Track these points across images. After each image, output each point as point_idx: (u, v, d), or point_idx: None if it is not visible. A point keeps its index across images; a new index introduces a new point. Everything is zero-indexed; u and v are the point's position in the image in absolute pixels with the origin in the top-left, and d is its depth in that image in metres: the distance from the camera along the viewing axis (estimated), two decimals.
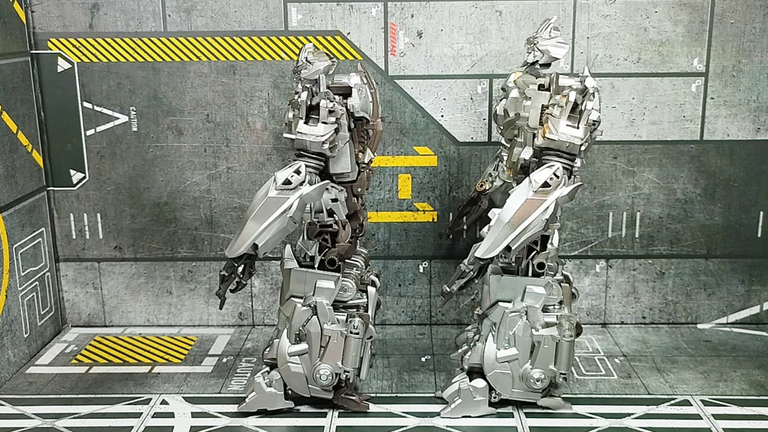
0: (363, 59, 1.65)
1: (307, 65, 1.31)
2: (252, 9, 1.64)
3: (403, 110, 1.68)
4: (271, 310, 1.79)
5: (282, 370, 1.36)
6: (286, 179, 1.27)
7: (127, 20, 1.65)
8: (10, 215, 1.57)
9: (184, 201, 1.73)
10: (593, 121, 1.27)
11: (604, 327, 1.77)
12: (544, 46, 1.38)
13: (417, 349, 1.67)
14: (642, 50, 1.65)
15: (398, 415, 1.38)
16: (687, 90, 1.67)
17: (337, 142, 1.32)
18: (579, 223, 1.73)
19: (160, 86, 1.68)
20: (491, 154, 1.66)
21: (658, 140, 1.69)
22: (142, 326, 1.80)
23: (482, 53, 1.65)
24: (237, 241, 1.28)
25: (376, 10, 1.64)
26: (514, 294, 1.34)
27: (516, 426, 1.34)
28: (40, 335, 1.69)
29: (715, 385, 1.48)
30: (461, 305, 1.77)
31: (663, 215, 1.73)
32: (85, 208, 1.74)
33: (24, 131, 1.63)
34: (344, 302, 1.37)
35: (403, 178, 1.72)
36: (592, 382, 1.51)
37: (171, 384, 1.51)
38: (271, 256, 1.71)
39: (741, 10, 1.62)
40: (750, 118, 1.67)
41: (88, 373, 1.57)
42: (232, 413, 1.39)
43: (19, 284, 1.59)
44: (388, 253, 1.75)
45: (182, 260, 1.77)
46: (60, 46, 1.66)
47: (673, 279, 1.75)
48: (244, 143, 1.70)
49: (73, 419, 1.38)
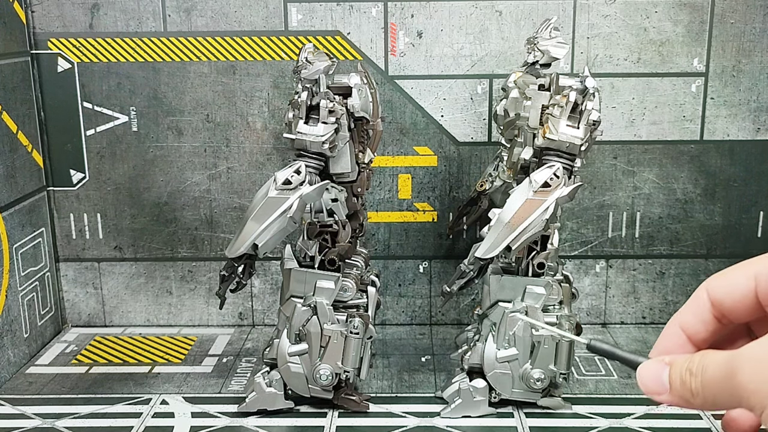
0: (363, 59, 1.65)
1: (307, 65, 1.31)
2: (252, 9, 1.64)
3: (403, 110, 1.68)
4: (271, 310, 1.79)
5: (282, 370, 1.36)
6: (286, 179, 1.27)
7: (127, 20, 1.65)
8: (10, 215, 1.57)
9: (184, 201, 1.73)
10: (593, 121, 1.27)
11: (604, 327, 1.77)
12: (545, 46, 1.38)
13: (417, 349, 1.67)
14: (642, 50, 1.65)
15: (398, 415, 1.38)
16: (687, 90, 1.66)
17: (337, 142, 1.32)
18: (579, 223, 1.73)
19: (160, 86, 1.68)
20: (491, 154, 1.66)
21: (658, 140, 1.69)
22: (142, 326, 1.80)
23: (482, 53, 1.65)
24: (237, 241, 1.28)
25: (376, 10, 1.64)
26: (514, 294, 1.34)
27: (516, 426, 1.34)
28: (40, 335, 1.69)
29: None
30: (461, 305, 1.77)
31: (663, 215, 1.73)
32: (85, 208, 1.74)
33: (24, 131, 1.63)
34: (344, 302, 1.37)
35: (403, 178, 1.72)
36: (592, 382, 1.51)
37: (171, 384, 1.51)
38: (271, 256, 1.71)
39: (741, 10, 1.62)
40: (750, 118, 1.67)
41: (88, 373, 1.57)
42: (232, 413, 1.39)
43: (19, 284, 1.59)
44: (388, 253, 1.75)
45: (182, 260, 1.76)
46: (60, 46, 1.66)
47: (673, 279, 1.75)
48: (244, 143, 1.70)
49: (73, 419, 1.38)
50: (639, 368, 0.72)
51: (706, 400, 0.66)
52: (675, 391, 0.69)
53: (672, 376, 0.69)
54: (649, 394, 0.70)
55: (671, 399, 0.69)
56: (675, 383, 0.69)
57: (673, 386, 0.69)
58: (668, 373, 0.69)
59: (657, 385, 0.70)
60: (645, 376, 0.71)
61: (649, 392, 0.70)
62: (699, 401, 0.67)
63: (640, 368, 0.72)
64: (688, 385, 0.67)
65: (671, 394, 0.69)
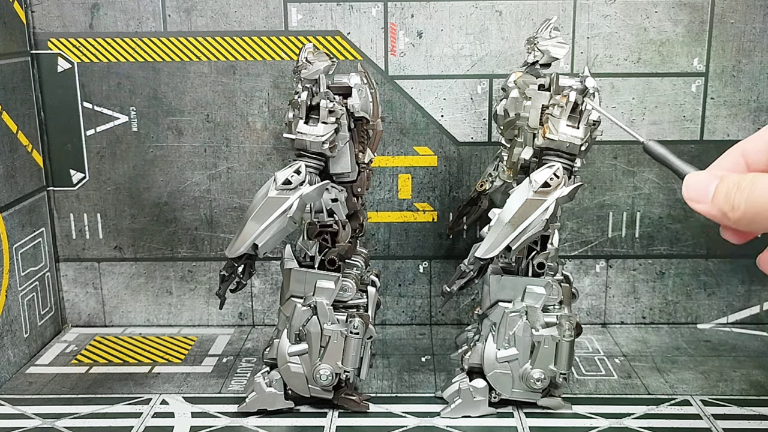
0: (363, 59, 1.65)
1: (307, 65, 1.31)
2: (252, 9, 1.64)
3: (403, 110, 1.68)
4: (271, 310, 1.79)
5: (282, 370, 1.36)
6: (286, 179, 1.27)
7: (127, 20, 1.65)
8: (10, 215, 1.57)
9: (184, 201, 1.73)
10: (593, 121, 1.27)
11: (604, 327, 1.77)
12: (545, 46, 1.38)
13: (417, 349, 1.67)
14: (642, 50, 1.65)
15: (398, 415, 1.38)
16: (687, 90, 1.67)
17: (337, 142, 1.32)
18: (579, 223, 1.73)
19: (160, 86, 1.68)
20: (491, 154, 1.66)
21: (658, 140, 1.68)
22: (142, 326, 1.80)
23: (482, 53, 1.65)
24: (237, 241, 1.28)
25: (376, 10, 1.64)
26: (514, 294, 1.34)
27: (516, 426, 1.34)
28: (40, 335, 1.69)
29: (715, 385, 1.48)
30: (461, 305, 1.78)
31: (663, 215, 1.73)
32: (85, 208, 1.74)
33: (24, 131, 1.63)
34: (344, 302, 1.37)
35: (403, 178, 1.72)
36: (592, 382, 1.51)
37: (171, 384, 1.51)
38: (271, 256, 1.71)
39: (741, 10, 1.62)
40: (750, 118, 1.67)
41: (88, 373, 1.57)
42: (232, 413, 1.39)
43: (19, 284, 1.59)
44: (388, 253, 1.75)
45: (182, 260, 1.77)
46: (60, 46, 1.66)
47: (673, 279, 1.75)
48: (244, 143, 1.70)
49: (73, 419, 1.38)
50: (687, 176, 0.73)
51: (745, 215, 0.67)
52: (716, 202, 0.70)
53: (719, 187, 0.70)
54: (690, 201, 0.72)
55: (709, 209, 0.71)
56: (719, 194, 0.70)
57: (716, 197, 0.70)
58: (716, 185, 0.70)
59: (700, 194, 0.71)
60: (692, 183, 0.72)
61: (690, 198, 0.72)
62: (737, 215, 0.68)
63: (689, 176, 0.73)
64: (731, 198, 0.69)
65: (711, 204, 0.70)
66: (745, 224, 0.68)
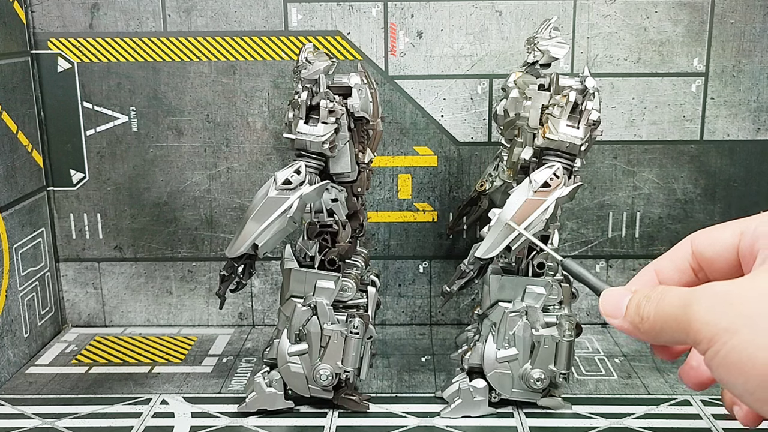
0: (363, 59, 1.65)
1: (307, 65, 1.31)
2: (252, 9, 1.64)
3: (403, 110, 1.68)
4: (271, 310, 1.79)
5: (282, 370, 1.36)
6: (286, 179, 1.27)
7: (127, 20, 1.65)
8: (10, 215, 1.57)
9: (184, 201, 1.73)
10: (593, 121, 1.27)
11: (604, 327, 1.77)
12: (544, 46, 1.38)
13: (417, 349, 1.67)
14: (642, 50, 1.65)
15: (398, 415, 1.38)
16: (687, 90, 1.67)
17: (337, 142, 1.32)
18: (579, 223, 1.73)
19: (160, 86, 1.68)
20: (491, 154, 1.66)
21: (658, 140, 1.69)
22: (142, 326, 1.80)
23: (482, 53, 1.65)
24: (237, 241, 1.28)
25: (376, 10, 1.64)
26: (514, 294, 1.34)
27: (516, 426, 1.34)
28: (40, 335, 1.69)
29: (715, 385, 1.48)
30: (461, 305, 1.78)
31: (663, 215, 1.73)
32: (85, 208, 1.74)
33: (24, 131, 1.63)
34: (344, 302, 1.37)
35: (403, 178, 1.72)
36: (592, 382, 1.51)
37: (171, 384, 1.51)
38: (271, 256, 1.71)
39: (741, 10, 1.62)
40: (750, 118, 1.67)
41: (88, 373, 1.57)
42: (232, 413, 1.39)
43: (19, 284, 1.59)
44: (388, 253, 1.75)
45: (182, 260, 1.77)
46: (60, 46, 1.66)
47: None
48: (244, 143, 1.70)
49: (73, 419, 1.38)
50: (603, 292, 0.76)
51: (653, 327, 0.69)
52: (628, 315, 0.72)
53: (631, 300, 0.72)
54: (606, 317, 0.74)
55: (621, 323, 0.73)
56: (631, 306, 0.72)
57: (628, 310, 0.72)
58: (629, 298, 0.72)
59: (614, 309, 0.74)
60: (607, 299, 0.75)
61: (606, 314, 0.74)
62: (646, 327, 0.70)
63: (605, 292, 0.76)
64: (641, 309, 0.71)
65: (624, 318, 0.72)
66: (654, 335, 0.70)
